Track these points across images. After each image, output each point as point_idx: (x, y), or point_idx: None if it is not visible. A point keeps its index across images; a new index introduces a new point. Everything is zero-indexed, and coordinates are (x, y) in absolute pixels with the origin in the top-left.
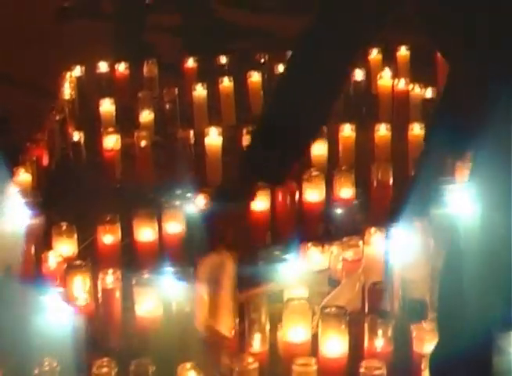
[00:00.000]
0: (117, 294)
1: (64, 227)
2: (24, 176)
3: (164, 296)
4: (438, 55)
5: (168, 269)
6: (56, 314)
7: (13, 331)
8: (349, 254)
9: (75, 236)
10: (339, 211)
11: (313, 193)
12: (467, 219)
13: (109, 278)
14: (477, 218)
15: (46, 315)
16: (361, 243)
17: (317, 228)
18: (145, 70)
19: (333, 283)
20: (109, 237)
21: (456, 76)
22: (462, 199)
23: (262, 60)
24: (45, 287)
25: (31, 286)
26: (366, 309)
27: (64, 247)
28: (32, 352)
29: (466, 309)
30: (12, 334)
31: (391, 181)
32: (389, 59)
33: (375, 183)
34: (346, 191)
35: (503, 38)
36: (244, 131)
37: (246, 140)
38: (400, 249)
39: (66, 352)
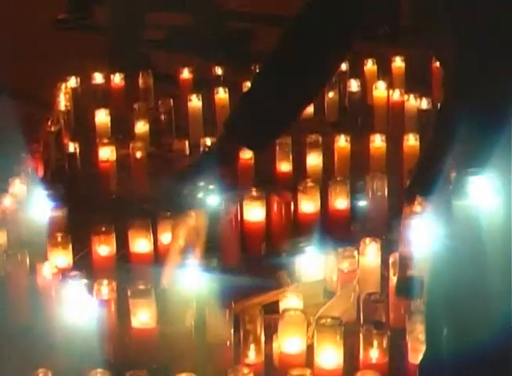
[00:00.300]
0: (112, 305)
1: (59, 238)
2: (19, 187)
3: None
4: (433, 66)
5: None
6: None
7: None
8: (344, 264)
9: (70, 247)
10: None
11: (308, 204)
12: (490, 211)
13: (105, 289)
14: (499, 209)
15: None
16: (356, 253)
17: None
18: (140, 81)
19: (329, 293)
20: (104, 248)
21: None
22: (485, 190)
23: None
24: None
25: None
26: (361, 320)
27: (59, 258)
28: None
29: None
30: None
31: (386, 192)
32: (384, 70)
33: (370, 194)
34: (341, 202)
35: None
36: None
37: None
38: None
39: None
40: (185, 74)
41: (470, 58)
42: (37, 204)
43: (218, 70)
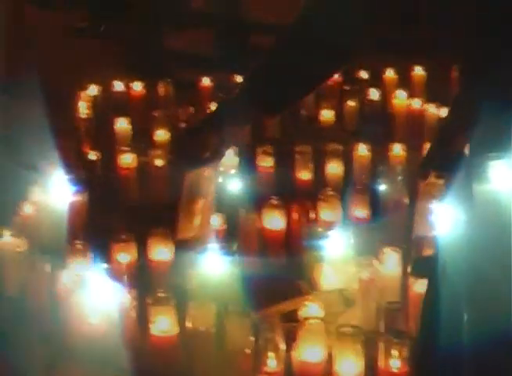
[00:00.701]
0: (132, 313)
1: (79, 246)
2: (40, 196)
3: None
4: (453, 75)
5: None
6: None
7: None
8: (364, 273)
9: (90, 254)
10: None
11: (328, 212)
12: (511, 195)
13: (124, 297)
14: None
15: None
16: (376, 262)
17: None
18: (160, 89)
19: (348, 302)
20: (124, 256)
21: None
22: (506, 174)
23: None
24: None
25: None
26: (381, 329)
27: (79, 265)
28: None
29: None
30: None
31: (405, 201)
32: (404, 78)
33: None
34: (361, 211)
35: None
36: (259, 150)
37: (261, 159)
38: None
39: None
40: (206, 81)
41: (494, 36)
42: (57, 210)
43: (238, 78)
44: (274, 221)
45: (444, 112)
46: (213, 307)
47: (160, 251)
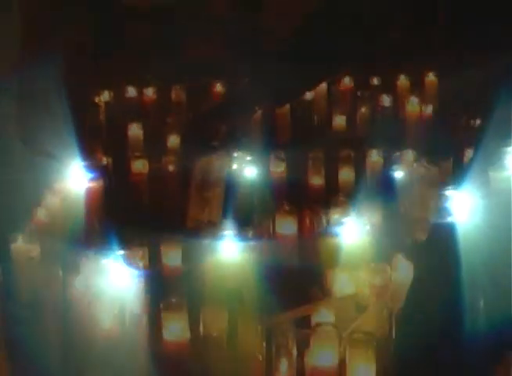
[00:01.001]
0: (144, 318)
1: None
2: (53, 200)
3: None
4: None
5: None
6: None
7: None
8: (377, 279)
9: (101, 262)
10: None
11: (340, 219)
12: None
13: (137, 302)
14: None
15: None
16: (388, 268)
17: None
18: (173, 94)
19: (361, 308)
20: (137, 262)
21: None
22: None
23: None
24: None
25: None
26: (394, 336)
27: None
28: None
29: None
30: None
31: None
32: (417, 84)
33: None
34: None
35: None
36: (272, 155)
37: (273, 165)
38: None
39: None
40: (218, 87)
41: None
42: (72, 218)
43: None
44: (286, 226)
45: None
46: (225, 313)
47: (173, 257)
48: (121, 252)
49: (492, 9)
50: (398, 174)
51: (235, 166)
